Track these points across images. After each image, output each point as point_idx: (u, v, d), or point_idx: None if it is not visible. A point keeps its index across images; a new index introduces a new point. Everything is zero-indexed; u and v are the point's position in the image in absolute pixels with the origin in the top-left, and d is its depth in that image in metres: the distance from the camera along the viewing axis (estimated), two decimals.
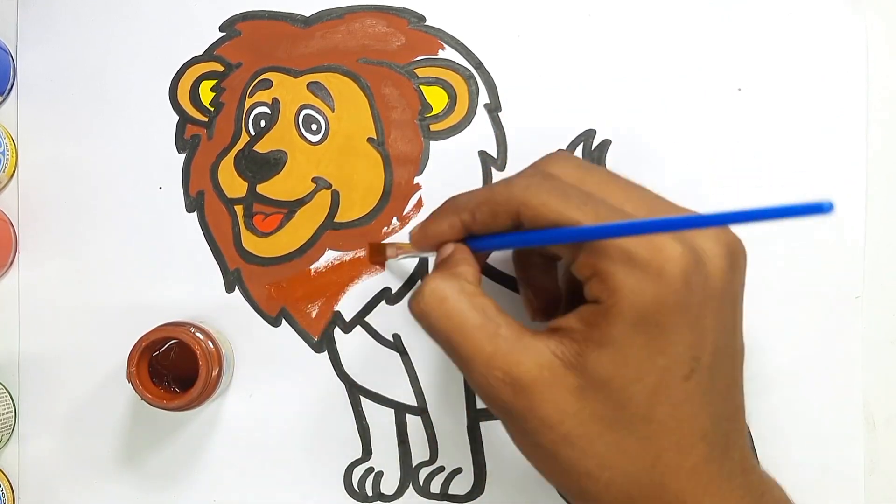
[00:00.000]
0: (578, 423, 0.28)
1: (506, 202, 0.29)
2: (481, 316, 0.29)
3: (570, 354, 0.28)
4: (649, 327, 0.27)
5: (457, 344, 0.29)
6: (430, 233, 0.33)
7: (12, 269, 0.42)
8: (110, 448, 0.42)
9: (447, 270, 0.31)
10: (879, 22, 0.41)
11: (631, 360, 0.27)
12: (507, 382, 0.28)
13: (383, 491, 0.41)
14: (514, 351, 0.28)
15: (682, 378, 0.27)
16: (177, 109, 0.42)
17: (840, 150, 0.41)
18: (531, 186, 0.29)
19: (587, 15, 0.41)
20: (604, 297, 0.27)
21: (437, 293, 0.30)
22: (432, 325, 0.30)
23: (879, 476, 0.41)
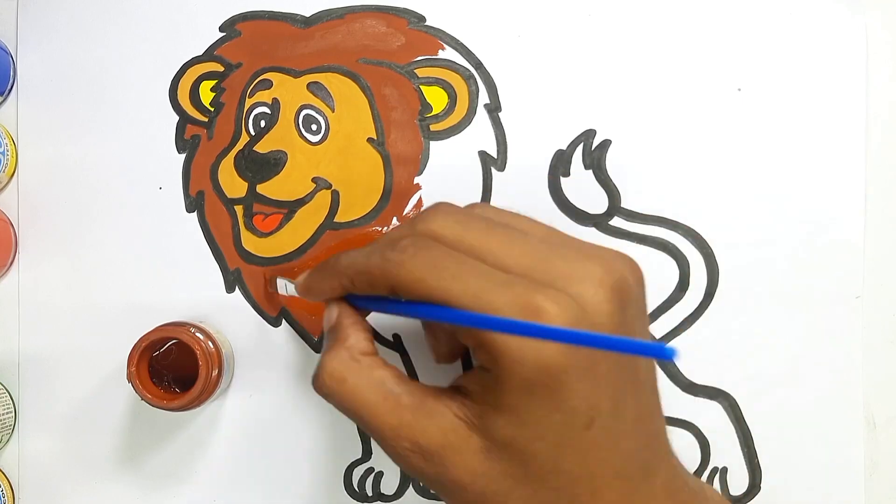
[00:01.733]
0: (490, 481, 0.28)
1: (381, 276, 0.29)
2: (380, 390, 0.30)
3: (472, 416, 0.28)
4: (538, 390, 0.27)
5: (363, 421, 0.30)
6: (313, 290, 0.33)
7: (12, 269, 0.42)
8: (110, 448, 0.42)
9: (339, 344, 0.31)
10: (879, 22, 0.41)
11: (528, 421, 0.27)
12: (416, 452, 0.29)
13: (383, 491, 0.41)
14: (418, 420, 0.29)
15: (583, 428, 0.27)
16: (177, 109, 0.42)
17: (840, 150, 0.41)
18: (404, 262, 0.28)
19: (587, 15, 0.41)
20: (489, 365, 0.27)
21: (335, 375, 0.30)
22: (337, 405, 0.30)
23: (879, 476, 0.41)
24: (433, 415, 0.29)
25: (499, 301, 0.26)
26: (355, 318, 0.32)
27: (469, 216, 0.30)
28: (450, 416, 0.29)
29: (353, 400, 0.30)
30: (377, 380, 0.30)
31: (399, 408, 0.29)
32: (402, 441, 0.29)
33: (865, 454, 0.41)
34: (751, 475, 0.41)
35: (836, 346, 0.41)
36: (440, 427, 0.28)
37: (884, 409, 0.41)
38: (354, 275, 0.31)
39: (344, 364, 0.30)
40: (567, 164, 0.41)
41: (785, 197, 0.41)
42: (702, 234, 0.41)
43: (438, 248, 0.29)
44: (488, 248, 0.29)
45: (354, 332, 0.32)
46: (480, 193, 0.41)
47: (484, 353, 0.27)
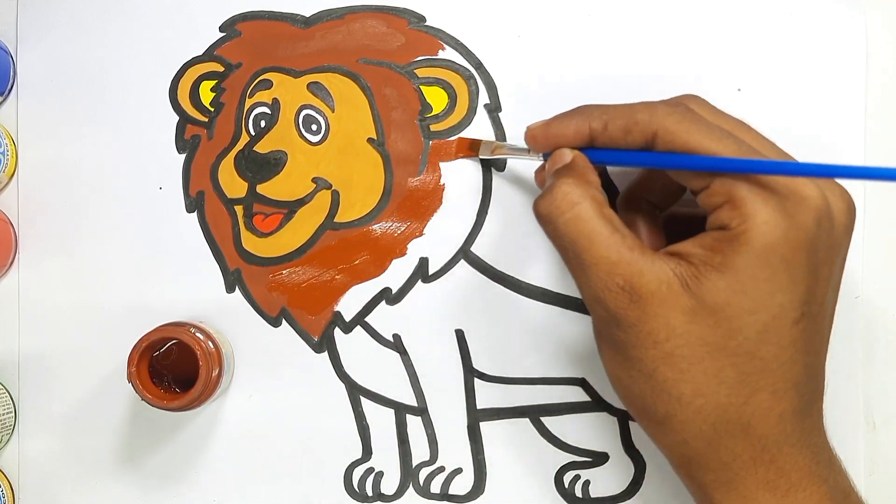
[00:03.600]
0: (684, 343, 0.28)
1: (646, 122, 0.29)
2: (609, 225, 0.30)
3: (689, 276, 0.28)
4: (774, 261, 0.27)
5: (582, 248, 0.29)
6: (553, 132, 0.33)
7: (12, 269, 0.42)
8: (110, 448, 0.42)
9: (577, 176, 0.31)
10: (879, 22, 0.41)
11: (749, 291, 0.27)
12: (626, 290, 0.29)
13: (383, 491, 0.41)
14: (637, 262, 0.29)
15: (793, 321, 0.28)
16: (177, 109, 0.42)
17: (839, 149, 0.41)
18: (673, 114, 0.29)
19: (587, 15, 0.41)
20: (734, 223, 0.27)
21: (568, 197, 0.30)
22: (560, 227, 0.30)
23: (879, 476, 0.41)
24: (653, 262, 0.29)
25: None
26: (591, 165, 0.32)
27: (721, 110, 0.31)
28: (667, 270, 0.29)
29: (581, 225, 0.30)
30: (608, 215, 0.30)
31: (622, 247, 0.29)
32: (616, 276, 0.29)
33: (865, 454, 0.41)
34: None
35: (836, 346, 0.41)
36: (657, 275, 0.28)
37: (884, 409, 0.41)
38: (611, 118, 0.31)
39: (579, 190, 0.30)
40: None
41: None
42: None
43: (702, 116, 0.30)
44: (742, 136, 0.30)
45: (591, 172, 0.31)
46: (480, 194, 0.41)
47: (732, 210, 0.28)
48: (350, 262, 0.41)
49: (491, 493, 0.41)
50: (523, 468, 0.41)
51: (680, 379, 0.28)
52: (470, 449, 0.41)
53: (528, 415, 0.41)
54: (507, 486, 0.41)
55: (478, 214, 0.41)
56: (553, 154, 0.33)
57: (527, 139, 0.34)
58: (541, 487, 0.41)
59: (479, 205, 0.41)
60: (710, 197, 0.29)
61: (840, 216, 0.29)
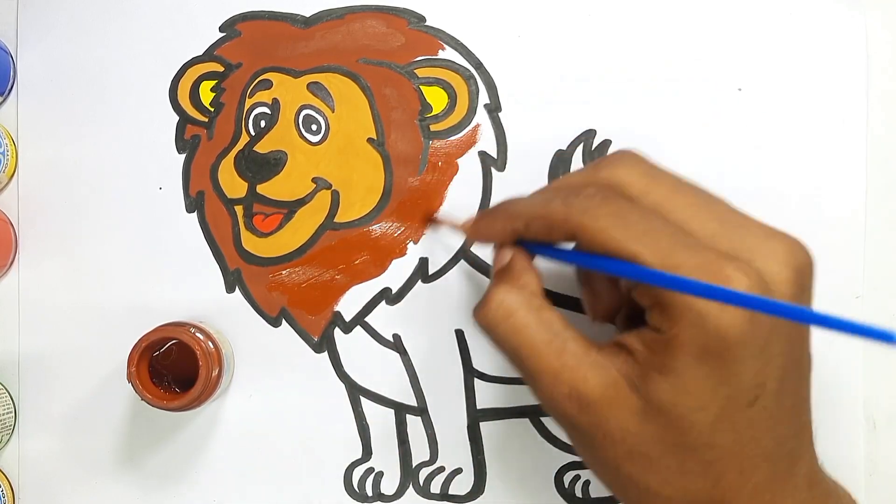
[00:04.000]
0: (640, 442, 0.28)
1: (562, 222, 0.28)
2: (548, 332, 0.29)
3: (634, 376, 0.28)
4: (711, 360, 0.26)
5: (524, 358, 0.29)
6: (482, 232, 0.33)
7: (12, 269, 0.42)
8: (110, 448, 0.42)
9: (512, 281, 0.30)
10: (879, 22, 0.41)
11: (692, 390, 0.27)
12: (574, 398, 0.28)
13: (383, 491, 0.41)
14: (580, 367, 0.28)
15: (746, 405, 0.27)
16: (177, 109, 0.42)
17: (840, 150, 0.41)
18: (589, 209, 0.28)
19: (587, 15, 0.41)
20: (664, 328, 0.27)
21: (504, 306, 0.29)
22: (499, 338, 0.30)
23: (879, 476, 0.41)
24: (597, 366, 0.28)
25: (687, 264, 0.26)
26: (528, 263, 0.31)
27: (655, 170, 0.29)
28: (613, 371, 0.28)
29: (518, 335, 0.29)
30: (546, 320, 0.29)
31: (564, 352, 0.28)
32: (561, 385, 0.28)
33: (865, 454, 0.41)
34: None
35: (836, 346, 0.41)
36: (602, 380, 0.28)
37: (884, 409, 0.41)
38: (531, 219, 0.30)
39: (514, 297, 0.30)
40: (567, 164, 0.41)
41: (785, 197, 0.41)
42: None
43: (624, 200, 0.28)
44: (674, 207, 0.28)
45: (528, 275, 0.31)
46: (480, 193, 0.41)
47: (661, 314, 0.27)
48: (350, 262, 0.41)
49: (491, 493, 0.41)
50: (523, 468, 0.41)
51: (644, 473, 0.28)
52: (470, 449, 0.41)
53: (528, 415, 0.41)
54: (507, 486, 0.41)
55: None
56: (495, 251, 0.33)
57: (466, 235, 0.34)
58: (541, 487, 0.41)
59: (479, 205, 0.41)
60: (640, 297, 0.28)
61: (783, 288, 0.27)
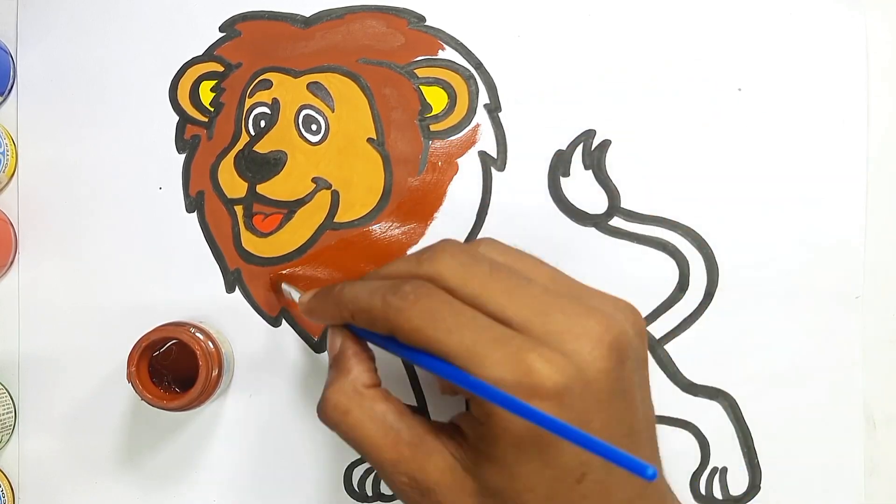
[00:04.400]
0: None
1: (382, 319, 0.29)
2: (381, 426, 0.30)
3: (468, 459, 0.29)
4: (528, 447, 0.27)
5: (365, 453, 0.30)
6: (315, 313, 0.34)
7: (12, 269, 0.42)
8: (110, 448, 0.42)
9: (343, 376, 0.32)
10: (879, 22, 0.41)
11: (518, 475, 0.27)
12: (413, 487, 0.29)
13: (383, 491, 0.41)
14: (416, 457, 0.29)
15: (575, 482, 0.27)
16: (177, 109, 0.42)
17: (840, 150, 0.41)
18: (403, 310, 0.29)
19: (587, 15, 0.41)
20: (482, 419, 0.28)
21: (339, 408, 0.31)
22: (341, 435, 0.31)
23: (879, 476, 0.41)
24: (431, 452, 0.29)
25: (491, 357, 0.27)
26: (357, 349, 0.33)
27: (474, 259, 0.30)
28: (447, 455, 0.29)
29: (355, 433, 0.31)
30: (379, 414, 0.31)
31: (399, 443, 0.30)
32: (400, 476, 0.30)
33: (865, 454, 0.41)
34: (751, 475, 0.41)
35: (836, 346, 0.41)
36: (437, 465, 0.29)
37: (884, 409, 0.41)
38: (356, 311, 0.31)
39: (347, 397, 0.31)
40: (567, 164, 0.41)
41: (785, 197, 0.41)
42: (702, 234, 0.41)
43: (439, 295, 0.29)
44: (489, 295, 0.29)
45: (357, 364, 0.32)
46: (480, 193, 0.41)
47: (477, 407, 0.28)
48: (350, 262, 0.41)
49: None
50: None
51: None
52: None
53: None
54: None
55: (478, 214, 0.41)
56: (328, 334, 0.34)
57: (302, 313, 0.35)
58: None
59: (479, 205, 0.41)
60: (455, 391, 0.29)
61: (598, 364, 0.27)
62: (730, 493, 0.41)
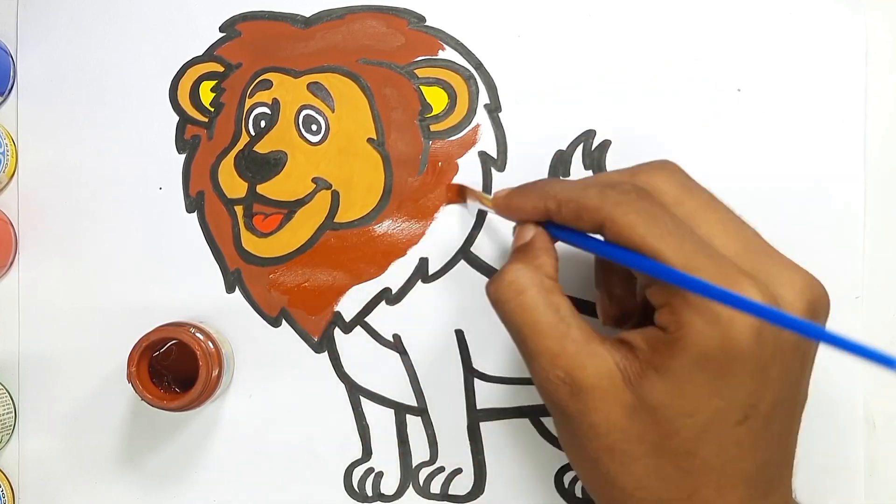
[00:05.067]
0: (624, 438, 0.28)
1: (594, 210, 0.29)
2: (555, 314, 0.29)
3: (632, 371, 0.28)
4: (710, 369, 0.26)
5: (526, 337, 0.29)
6: (513, 206, 0.33)
7: (12, 269, 0.42)
8: (110, 448, 0.42)
9: (528, 261, 0.31)
10: (879, 22, 0.41)
11: (686, 395, 0.27)
12: (567, 383, 0.28)
13: (383, 491, 0.41)
14: (579, 354, 0.28)
15: (735, 422, 0.27)
16: (177, 110, 0.42)
17: (840, 150, 0.41)
18: (622, 203, 0.28)
19: (587, 15, 0.41)
20: (671, 328, 0.27)
21: (515, 284, 0.30)
22: (506, 314, 0.30)
23: (879, 476, 0.41)
24: (595, 356, 0.28)
25: (707, 270, 0.26)
26: (549, 245, 0.32)
27: (693, 184, 0.30)
28: (611, 362, 0.28)
29: (525, 314, 0.29)
30: (554, 304, 0.30)
31: (566, 337, 0.29)
32: (556, 369, 0.29)
33: (865, 454, 0.41)
34: None
35: None
36: (598, 369, 0.28)
37: (884, 409, 0.41)
38: (564, 201, 0.30)
39: (528, 277, 0.30)
40: (567, 164, 0.41)
41: (785, 197, 0.41)
42: None
43: (658, 202, 0.29)
44: (705, 221, 0.29)
45: (546, 256, 0.31)
46: None
47: (670, 314, 0.27)
48: (350, 262, 0.41)
49: (491, 493, 0.41)
50: (523, 468, 0.41)
51: (621, 472, 0.28)
52: (470, 449, 0.41)
53: (528, 415, 0.41)
54: (507, 486, 0.41)
55: (477, 215, 0.41)
56: (517, 228, 0.33)
57: (493, 205, 0.34)
58: (541, 487, 0.41)
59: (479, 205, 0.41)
60: (652, 295, 0.28)
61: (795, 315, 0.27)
62: None
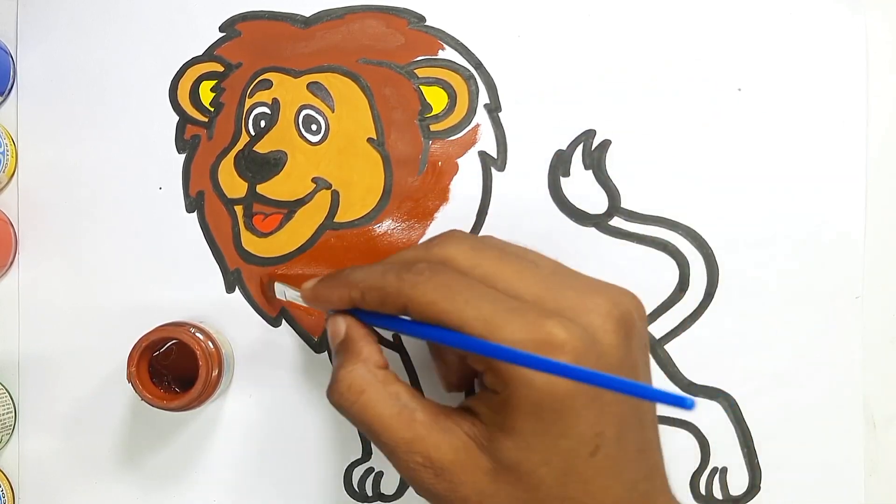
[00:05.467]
0: (496, 502, 0.28)
1: (395, 295, 0.30)
2: (396, 404, 0.30)
3: (482, 437, 0.29)
4: (546, 415, 0.27)
5: (377, 433, 0.30)
6: (320, 297, 0.34)
7: (12, 269, 0.42)
8: (110, 448, 0.42)
9: (354, 357, 0.32)
10: (879, 22, 0.41)
11: (535, 446, 0.28)
12: (428, 466, 0.29)
13: (383, 491, 0.41)
14: (431, 435, 0.29)
15: (588, 455, 0.28)
16: (177, 110, 0.42)
17: (840, 150, 0.41)
18: (419, 284, 0.29)
19: (587, 15, 0.41)
20: (498, 389, 0.28)
21: (353, 388, 0.31)
22: (353, 417, 0.31)
23: (879, 476, 0.41)
24: (446, 431, 0.29)
25: (509, 327, 0.27)
26: (365, 332, 0.33)
27: (483, 244, 0.31)
28: (461, 434, 0.29)
29: (369, 412, 0.30)
30: (393, 394, 0.30)
31: (413, 422, 0.30)
32: (414, 455, 0.29)
33: (865, 454, 0.41)
34: (751, 475, 0.41)
35: (836, 346, 0.41)
36: (452, 444, 0.29)
37: (884, 409, 0.41)
38: (366, 289, 0.31)
39: (361, 376, 0.31)
40: (567, 164, 0.41)
41: (785, 197, 0.41)
42: (702, 234, 0.41)
43: (453, 272, 0.29)
44: (501, 276, 0.29)
45: (367, 346, 0.32)
46: (480, 193, 0.41)
47: (493, 377, 0.28)
48: (350, 262, 0.41)
49: None
50: None
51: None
52: None
53: None
54: None
55: (478, 214, 0.41)
56: (328, 322, 0.33)
57: (303, 298, 0.34)
58: None
59: (479, 205, 0.41)
60: (473, 363, 0.29)
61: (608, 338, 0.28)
62: (730, 493, 0.41)
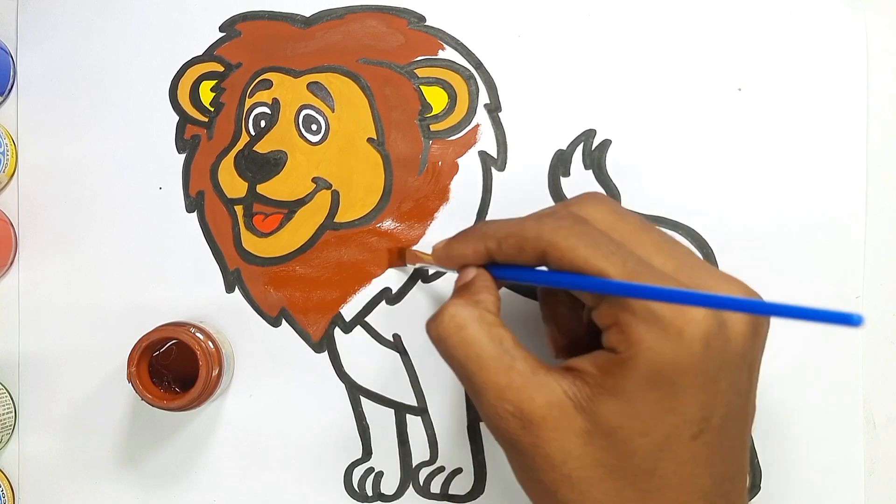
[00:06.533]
0: (581, 465, 0.28)
1: (534, 239, 0.29)
2: (498, 347, 0.29)
3: (582, 397, 0.28)
4: (662, 385, 0.27)
5: (471, 373, 0.29)
6: (454, 253, 0.33)
7: (12, 269, 0.42)
8: (110, 448, 0.42)
9: (468, 297, 0.31)
10: (879, 22, 0.41)
11: (640, 414, 0.27)
12: (517, 416, 0.28)
13: (383, 491, 0.41)
14: (526, 386, 0.28)
15: (690, 437, 0.27)
16: (177, 109, 0.42)
17: (840, 150, 0.41)
18: (561, 228, 0.28)
19: (587, 15, 0.41)
20: (621, 348, 0.27)
21: (455, 319, 0.30)
22: (448, 350, 0.30)
23: (879, 476, 0.41)
24: (543, 386, 0.28)
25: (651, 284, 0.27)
26: (491, 284, 0.31)
27: (623, 210, 0.30)
28: (559, 392, 0.28)
29: (468, 349, 0.29)
30: (496, 337, 0.29)
31: (511, 370, 0.28)
32: (505, 403, 0.28)
33: (865, 454, 0.41)
34: (751, 475, 0.41)
35: (836, 346, 0.41)
36: (547, 399, 0.28)
37: (884, 409, 0.41)
38: (504, 237, 0.30)
39: (468, 311, 0.30)
40: (567, 164, 0.41)
41: (785, 197, 0.41)
42: (702, 234, 0.41)
43: (594, 227, 0.29)
44: (640, 242, 0.29)
45: (486, 293, 0.31)
46: (480, 193, 0.41)
47: (619, 334, 0.27)
48: (350, 263, 0.41)
49: (491, 493, 0.41)
50: None
51: (581, 499, 0.28)
52: (470, 449, 0.41)
53: None
54: (507, 486, 0.41)
55: (478, 214, 0.41)
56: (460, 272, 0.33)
57: (433, 257, 0.34)
58: None
59: (479, 205, 0.41)
60: (600, 317, 0.28)
61: (739, 327, 0.27)
62: None
